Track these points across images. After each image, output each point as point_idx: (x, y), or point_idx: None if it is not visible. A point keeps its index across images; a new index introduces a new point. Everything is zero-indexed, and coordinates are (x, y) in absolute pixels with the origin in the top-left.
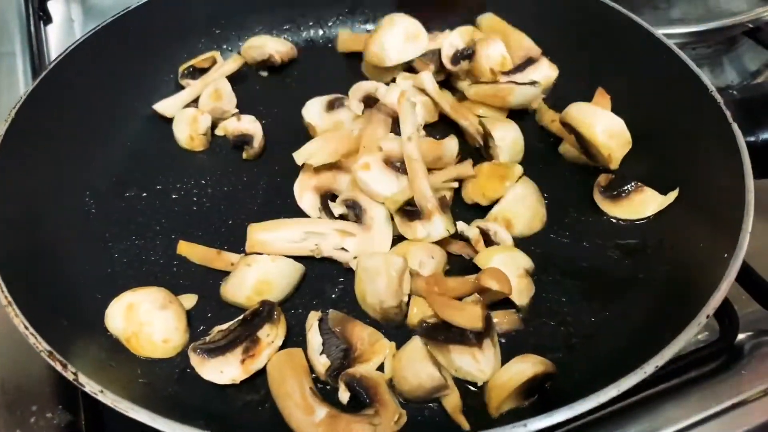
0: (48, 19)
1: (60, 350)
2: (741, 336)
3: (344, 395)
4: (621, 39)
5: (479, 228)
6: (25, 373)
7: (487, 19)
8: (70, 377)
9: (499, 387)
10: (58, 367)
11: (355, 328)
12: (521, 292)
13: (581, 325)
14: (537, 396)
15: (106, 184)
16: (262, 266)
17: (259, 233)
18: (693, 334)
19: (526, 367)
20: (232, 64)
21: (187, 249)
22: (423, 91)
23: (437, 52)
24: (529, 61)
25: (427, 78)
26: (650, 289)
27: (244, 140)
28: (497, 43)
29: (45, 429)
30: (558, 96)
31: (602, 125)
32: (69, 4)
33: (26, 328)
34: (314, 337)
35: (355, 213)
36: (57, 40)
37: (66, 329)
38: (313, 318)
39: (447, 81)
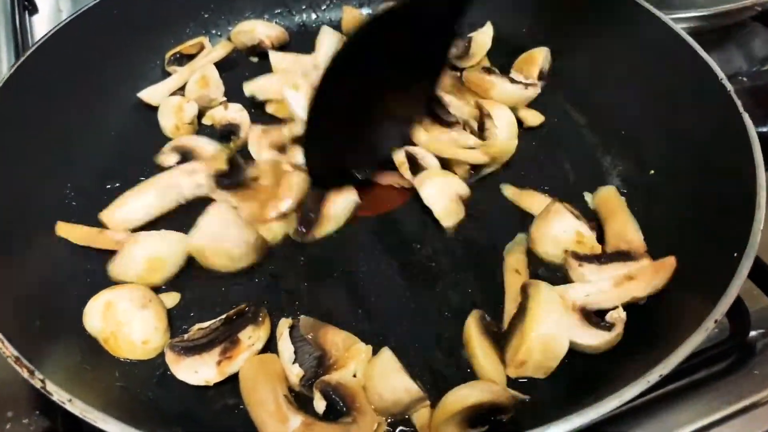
0: (33, 9)
1: (31, 354)
2: (753, 333)
3: (320, 404)
4: (627, 24)
5: (406, 152)
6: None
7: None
8: (38, 385)
9: (439, 409)
10: (25, 374)
11: (328, 333)
12: (449, 214)
13: None
14: (487, 427)
15: (87, 175)
16: (151, 242)
17: (113, 213)
18: (700, 340)
19: (471, 393)
20: (221, 50)
21: (67, 230)
22: None
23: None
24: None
25: None
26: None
27: (230, 130)
28: (489, 27)
29: None
30: (562, 81)
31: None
32: None
33: None
34: (286, 346)
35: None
36: (44, 30)
37: (39, 330)
38: (283, 326)
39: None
